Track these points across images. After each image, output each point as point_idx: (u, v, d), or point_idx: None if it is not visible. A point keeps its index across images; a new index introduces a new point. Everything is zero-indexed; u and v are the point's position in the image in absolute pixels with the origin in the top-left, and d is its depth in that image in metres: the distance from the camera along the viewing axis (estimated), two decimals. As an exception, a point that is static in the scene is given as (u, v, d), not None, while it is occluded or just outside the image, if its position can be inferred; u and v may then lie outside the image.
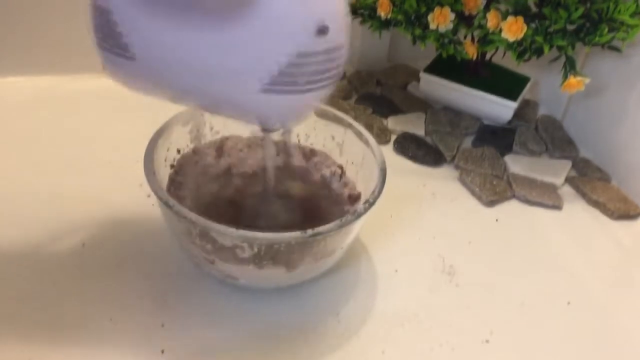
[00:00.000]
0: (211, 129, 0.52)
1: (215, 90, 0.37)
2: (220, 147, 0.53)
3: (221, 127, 0.52)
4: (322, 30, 0.34)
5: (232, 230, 0.40)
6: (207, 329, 0.45)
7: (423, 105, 0.72)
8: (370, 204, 0.44)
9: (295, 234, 0.40)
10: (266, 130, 0.42)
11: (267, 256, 0.42)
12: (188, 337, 0.44)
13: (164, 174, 0.48)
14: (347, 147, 0.52)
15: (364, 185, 0.50)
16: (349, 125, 0.51)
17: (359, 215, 0.43)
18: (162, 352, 0.43)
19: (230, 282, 0.47)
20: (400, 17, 0.62)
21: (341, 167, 0.53)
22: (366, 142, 0.49)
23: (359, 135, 0.50)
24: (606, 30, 0.57)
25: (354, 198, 0.51)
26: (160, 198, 0.41)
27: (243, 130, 0.53)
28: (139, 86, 0.40)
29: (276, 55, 0.34)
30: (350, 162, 0.52)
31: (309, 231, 0.40)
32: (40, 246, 0.49)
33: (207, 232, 0.41)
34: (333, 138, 0.53)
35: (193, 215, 0.40)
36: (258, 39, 0.34)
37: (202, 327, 0.45)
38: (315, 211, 0.51)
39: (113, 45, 0.37)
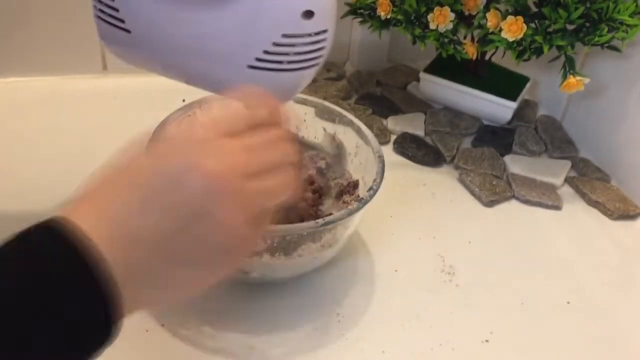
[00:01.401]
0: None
1: (205, 67, 0.39)
2: None
3: None
4: (308, 14, 0.36)
5: None
6: (206, 327, 0.45)
7: (423, 105, 0.72)
8: (374, 190, 0.45)
9: (309, 225, 0.42)
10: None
11: (280, 247, 0.43)
12: (188, 336, 0.44)
13: None
14: (339, 138, 0.53)
15: (360, 173, 0.51)
16: (341, 116, 0.52)
17: (365, 203, 0.44)
18: (163, 350, 0.43)
19: (241, 277, 0.47)
20: (400, 17, 0.62)
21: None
22: (358, 131, 0.50)
23: (351, 124, 0.51)
24: (606, 30, 0.57)
25: (352, 186, 0.51)
26: None
27: None
28: (132, 58, 0.41)
29: (263, 35, 0.36)
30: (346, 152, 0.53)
31: (320, 221, 0.42)
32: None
33: None
34: (325, 130, 0.53)
35: None
36: (246, 20, 0.36)
37: (202, 326, 0.45)
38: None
39: (110, 18, 0.39)
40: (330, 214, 0.44)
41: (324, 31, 0.37)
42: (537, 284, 0.53)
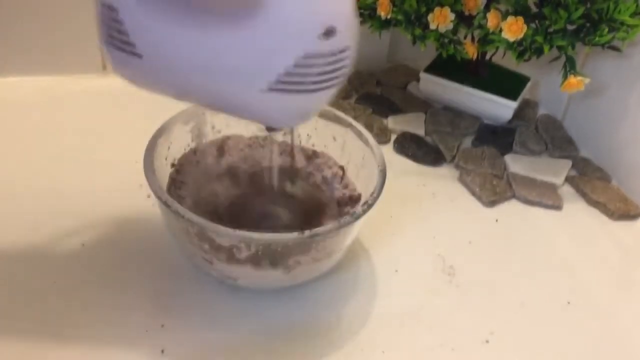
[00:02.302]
0: (213, 127, 0.52)
1: (221, 90, 0.37)
2: (221, 146, 0.53)
3: (223, 126, 0.52)
4: (330, 32, 0.34)
5: (229, 230, 0.39)
6: (207, 329, 0.45)
7: (423, 105, 0.72)
8: (368, 205, 0.43)
9: (293, 235, 0.40)
10: (270, 129, 0.42)
11: (265, 257, 0.42)
12: (188, 337, 0.44)
13: (165, 173, 0.48)
14: (348, 148, 0.52)
15: (364, 187, 0.50)
16: (350, 126, 0.51)
17: (357, 217, 0.43)
18: (162, 352, 0.43)
19: (230, 283, 0.47)
20: (400, 17, 0.62)
21: (342, 169, 0.53)
22: (366, 143, 0.49)
23: (360, 135, 0.50)
24: (606, 30, 0.57)
25: (354, 199, 0.51)
26: (158, 197, 0.41)
27: (245, 129, 0.53)
28: (145, 83, 0.40)
29: (283, 56, 0.35)
30: (352, 164, 0.52)
31: (307, 232, 0.40)
32: (40, 246, 0.49)
33: (205, 232, 0.41)
34: (335, 139, 0.52)
35: (191, 215, 0.40)
36: (265, 39, 0.35)
37: (202, 327, 0.45)
38: (316, 213, 0.51)
39: (120, 43, 0.37)
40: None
41: (347, 48, 0.36)
42: (537, 284, 0.53)
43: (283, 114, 0.38)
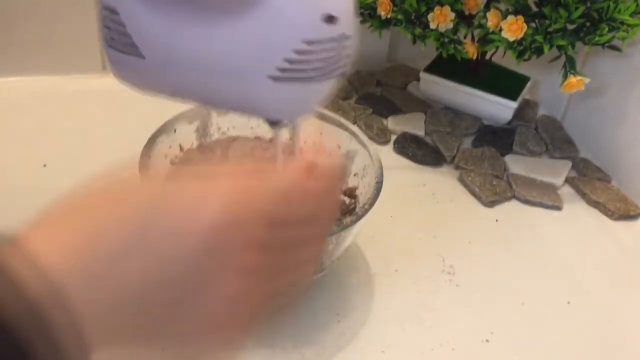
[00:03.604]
0: (219, 129, 0.52)
1: (224, 84, 0.37)
2: (226, 147, 0.53)
3: (229, 126, 0.52)
4: (330, 18, 0.35)
5: None
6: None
7: (423, 105, 0.72)
8: (358, 216, 0.42)
9: None
10: (274, 124, 0.43)
11: None
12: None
13: (164, 170, 0.48)
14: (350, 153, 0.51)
15: (363, 197, 0.49)
16: (354, 135, 0.50)
17: (342, 228, 0.41)
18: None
19: None
20: (400, 16, 0.62)
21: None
22: (368, 153, 0.49)
23: (363, 145, 0.49)
24: (606, 29, 0.57)
25: (351, 209, 0.50)
26: None
27: (250, 131, 0.53)
28: (147, 85, 0.40)
29: (285, 44, 0.35)
30: (353, 173, 0.51)
31: None
32: (39, 246, 0.49)
33: None
34: (339, 147, 0.52)
35: None
36: (266, 29, 0.35)
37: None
38: None
39: (122, 45, 0.37)
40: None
41: (348, 37, 0.36)
42: (537, 284, 0.53)
43: (286, 105, 0.38)
